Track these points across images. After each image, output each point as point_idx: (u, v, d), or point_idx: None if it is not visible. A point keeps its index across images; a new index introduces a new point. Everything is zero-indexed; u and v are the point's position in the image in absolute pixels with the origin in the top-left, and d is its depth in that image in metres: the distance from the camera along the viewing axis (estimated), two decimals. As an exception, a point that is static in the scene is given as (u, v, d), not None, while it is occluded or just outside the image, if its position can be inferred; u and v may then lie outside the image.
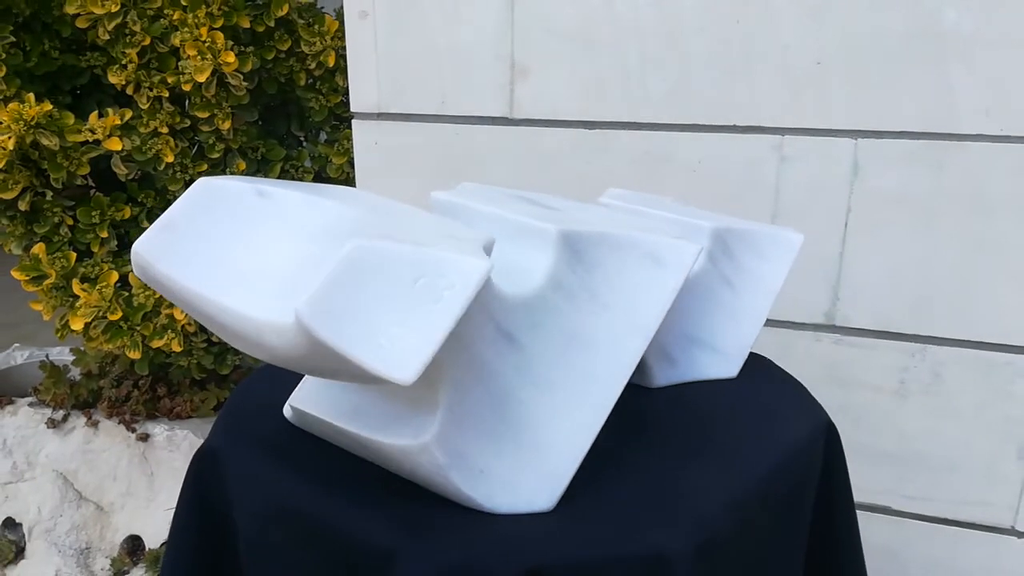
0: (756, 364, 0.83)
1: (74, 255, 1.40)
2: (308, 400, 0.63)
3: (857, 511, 1.12)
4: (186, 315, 1.38)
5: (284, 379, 0.68)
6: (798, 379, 0.83)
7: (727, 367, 0.80)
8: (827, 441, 0.74)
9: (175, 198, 1.45)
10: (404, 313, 0.46)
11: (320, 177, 1.57)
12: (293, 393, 0.66)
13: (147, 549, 1.56)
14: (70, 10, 1.35)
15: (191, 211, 0.54)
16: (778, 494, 0.67)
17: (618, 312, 0.61)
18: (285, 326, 0.45)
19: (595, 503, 0.59)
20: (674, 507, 0.59)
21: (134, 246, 0.53)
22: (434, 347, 0.45)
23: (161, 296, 1.38)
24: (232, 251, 0.53)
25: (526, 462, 0.58)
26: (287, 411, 0.67)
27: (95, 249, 1.43)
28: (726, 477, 0.63)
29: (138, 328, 1.39)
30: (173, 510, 0.75)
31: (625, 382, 0.61)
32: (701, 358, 0.78)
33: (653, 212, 0.77)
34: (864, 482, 1.12)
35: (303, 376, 0.67)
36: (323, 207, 0.54)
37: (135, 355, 1.39)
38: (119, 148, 1.36)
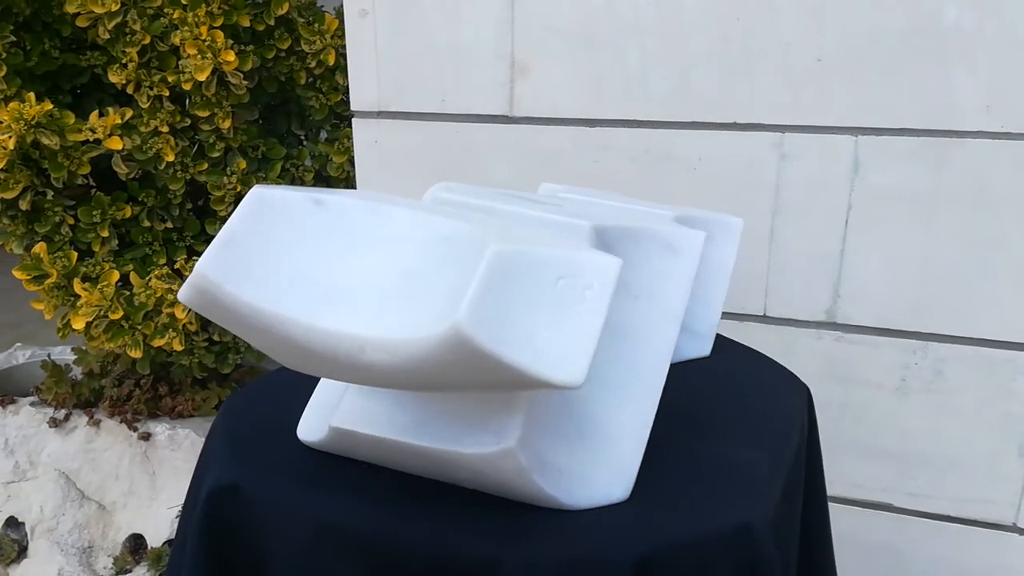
0: (717, 342, 0.89)
1: (75, 254, 1.41)
2: (356, 419, 0.59)
3: (859, 509, 1.13)
4: (187, 313, 1.38)
5: (273, 402, 0.68)
6: (800, 376, 0.84)
7: (701, 346, 0.87)
8: (809, 404, 0.80)
9: (175, 197, 1.46)
10: (552, 316, 0.45)
11: (320, 176, 1.57)
12: (335, 415, 0.60)
13: (149, 548, 1.57)
14: (70, 9, 1.35)
15: (251, 225, 0.51)
16: (796, 460, 0.71)
17: (650, 302, 0.63)
18: (419, 339, 0.43)
19: (663, 488, 0.61)
20: (737, 483, 0.62)
21: (197, 268, 0.48)
22: (592, 348, 0.45)
23: (162, 295, 1.38)
24: (303, 266, 0.50)
25: (596, 456, 0.59)
26: (310, 434, 0.63)
27: (96, 248, 1.44)
28: (762, 451, 0.67)
29: (139, 327, 1.39)
30: (175, 509, 0.75)
31: (667, 368, 0.63)
32: (681, 341, 0.82)
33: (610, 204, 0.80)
34: (866, 480, 1.12)
35: (313, 394, 0.65)
36: (387, 213, 0.52)
37: (136, 354, 1.39)
38: (119, 147, 1.36)
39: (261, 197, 0.52)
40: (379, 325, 0.46)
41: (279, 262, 0.50)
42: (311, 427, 0.64)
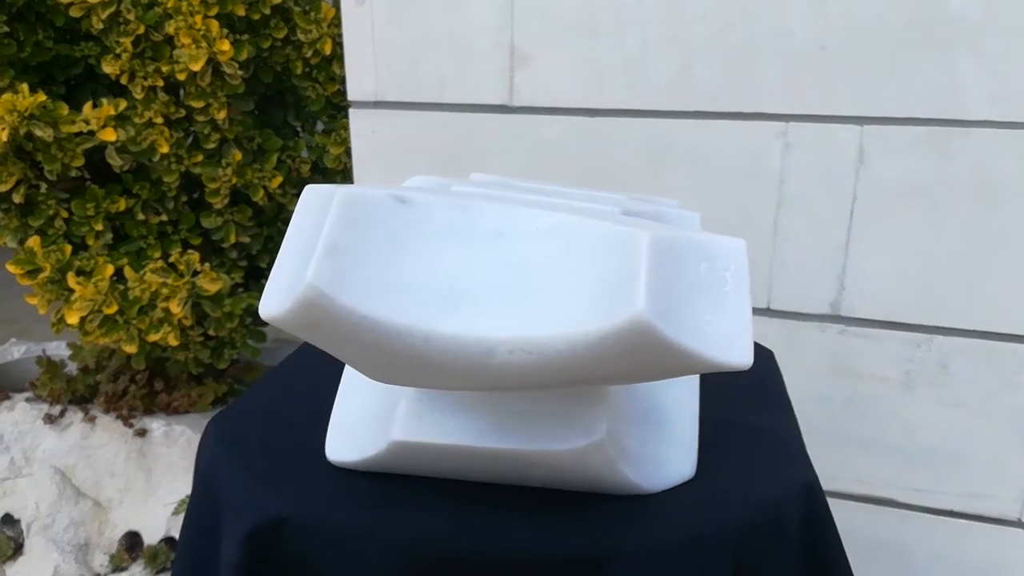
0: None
1: (69, 248, 1.39)
2: (423, 430, 0.55)
3: (862, 504, 1.12)
4: (182, 308, 1.37)
5: (268, 425, 0.66)
6: (805, 371, 0.84)
7: None
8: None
9: (170, 190, 1.45)
10: (708, 300, 0.45)
11: (317, 167, 1.55)
12: (393, 428, 0.56)
13: (145, 545, 1.55)
14: (63, -1, 1.33)
15: (350, 231, 0.46)
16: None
17: None
18: (580, 334, 0.42)
19: (719, 460, 0.63)
20: (780, 447, 0.67)
21: (309, 280, 0.43)
22: (750, 328, 0.45)
23: (157, 288, 1.37)
24: (408, 271, 0.47)
25: (665, 439, 0.60)
26: (349, 454, 0.59)
27: (90, 242, 1.42)
28: (779, 416, 0.73)
29: (134, 322, 1.37)
30: (171, 506, 0.74)
31: None
32: None
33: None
34: (869, 475, 1.11)
35: (336, 413, 0.62)
36: (475, 209, 0.50)
37: (131, 349, 1.38)
38: (113, 139, 1.34)
39: (353, 199, 0.47)
40: (508, 325, 0.45)
41: (383, 268, 0.47)
42: (349, 446, 0.59)
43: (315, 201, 0.49)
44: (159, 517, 1.54)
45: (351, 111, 1.18)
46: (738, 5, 0.99)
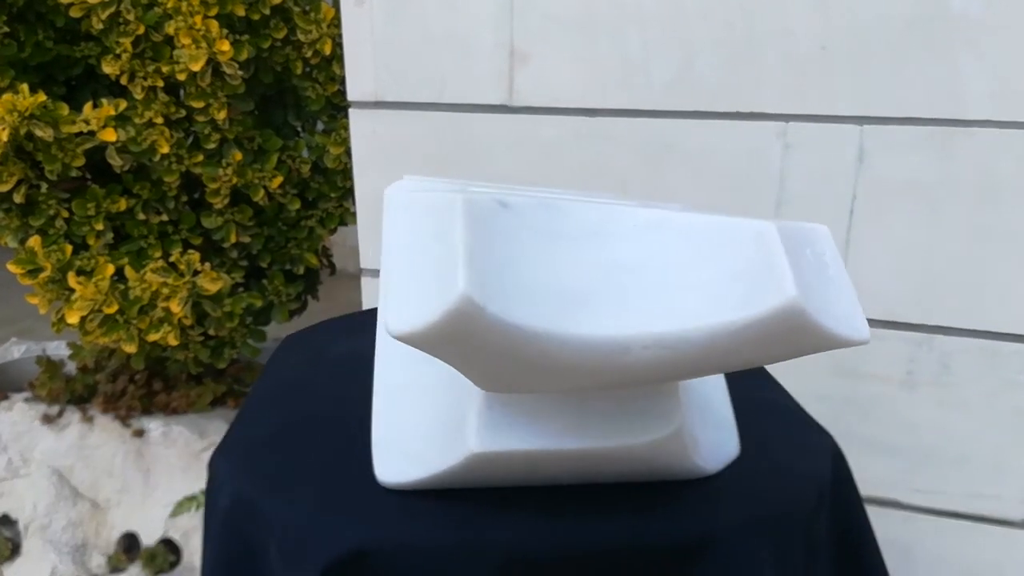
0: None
1: (70, 248, 1.39)
2: (503, 438, 0.53)
3: (866, 505, 1.11)
4: (182, 308, 1.36)
5: (278, 449, 0.62)
6: (807, 371, 0.84)
7: None
8: None
9: (170, 190, 1.44)
10: (821, 283, 0.46)
11: (318, 168, 1.55)
12: (469, 440, 0.53)
13: (143, 546, 1.55)
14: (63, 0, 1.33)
15: (479, 238, 0.45)
16: None
17: None
18: (725, 324, 0.43)
19: (754, 434, 0.66)
20: (797, 420, 0.73)
21: (462, 291, 0.41)
22: (860, 306, 0.47)
23: (158, 288, 1.36)
24: (529, 274, 0.46)
25: (709, 422, 0.62)
26: (410, 473, 0.57)
27: (91, 242, 1.42)
28: (777, 391, 0.78)
29: (134, 321, 1.37)
30: (169, 507, 0.74)
31: None
32: None
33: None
34: (871, 476, 1.10)
35: (382, 431, 0.59)
36: (566, 209, 0.50)
37: (131, 349, 1.37)
38: (114, 139, 1.34)
39: (474, 205, 0.46)
40: (639, 322, 0.45)
41: (510, 274, 0.46)
42: (409, 465, 0.57)
43: (424, 210, 0.47)
44: (157, 518, 1.54)
45: (351, 111, 1.18)
46: (738, 4, 0.99)
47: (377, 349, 0.64)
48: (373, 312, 0.97)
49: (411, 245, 0.46)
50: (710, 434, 0.61)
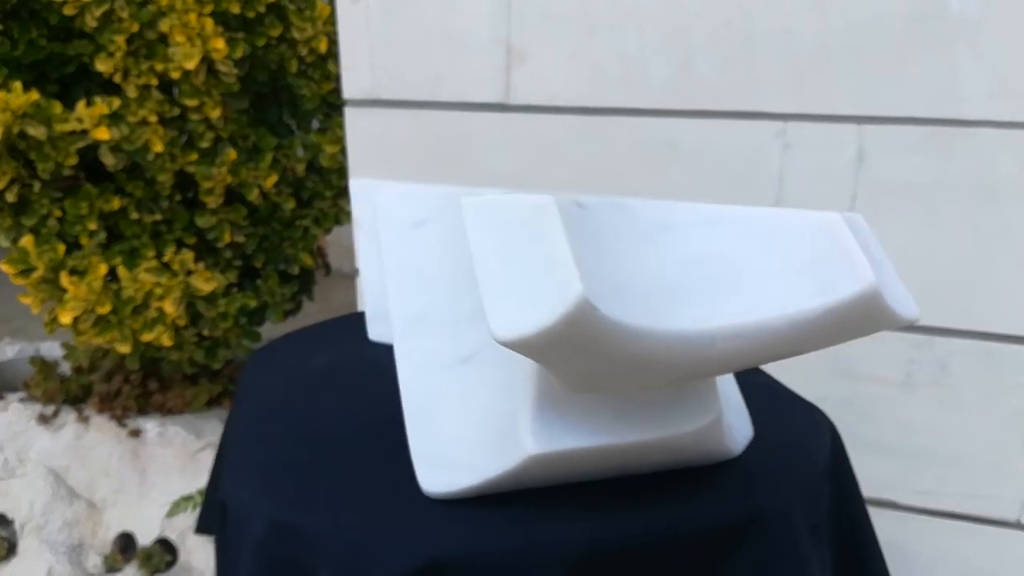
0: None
1: (63, 247, 1.38)
2: (559, 438, 0.53)
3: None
4: (176, 308, 1.35)
5: (317, 470, 0.60)
6: (805, 372, 0.85)
7: None
8: None
9: (164, 189, 1.43)
10: (876, 265, 0.48)
11: (313, 166, 1.54)
12: (527, 442, 0.53)
13: (139, 546, 1.54)
14: (56, -3, 1.32)
15: (574, 239, 0.45)
16: None
17: None
18: (806, 311, 0.46)
19: (756, 417, 0.68)
20: (784, 398, 0.77)
21: (581, 293, 0.41)
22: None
23: (151, 288, 1.36)
24: (616, 272, 0.47)
25: (732, 405, 0.64)
26: (460, 480, 0.56)
27: (84, 241, 1.41)
28: (767, 376, 0.81)
29: (128, 321, 1.36)
30: (166, 507, 0.73)
31: None
32: None
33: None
34: (870, 476, 1.10)
35: (421, 441, 0.58)
36: (630, 208, 0.51)
37: (125, 349, 1.37)
38: (107, 138, 1.33)
39: (549, 206, 0.46)
40: (721, 313, 0.46)
41: (604, 273, 0.46)
42: (458, 473, 0.56)
43: (506, 215, 0.47)
44: (153, 518, 1.53)
45: (346, 109, 1.17)
46: (737, 3, 0.98)
47: (398, 359, 0.62)
48: (340, 322, 0.95)
49: (500, 251, 0.46)
50: (732, 418, 0.63)
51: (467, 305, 0.58)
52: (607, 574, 0.54)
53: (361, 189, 0.90)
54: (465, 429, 0.57)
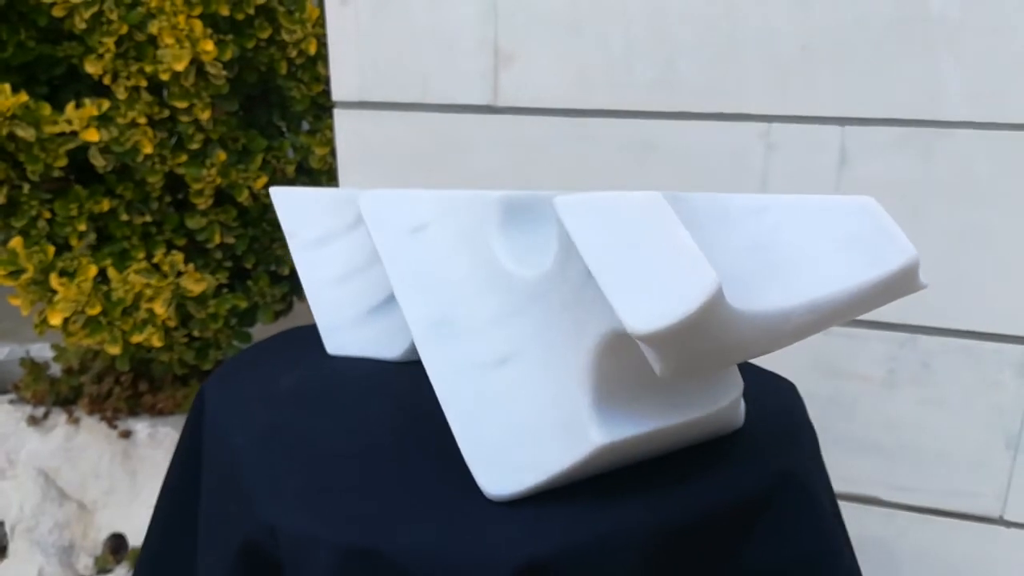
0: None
1: (52, 249, 1.38)
2: (622, 426, 0.55)
3: (846, 503, 1.12)
4: (166, 309, 1.36)
5: (369, 487, 0.58)
6: (788, 371, 0.85)
7: None
8: None
9: (154, 190, 1.44)
10: None
11: (302, 168, 1.55)
12: (592, 433, 0.54)
13: (130, 547, 1.54)
14: (45, -1, 1.32)
15: (687, 229, 0.47)
16: None
17: None
18: (861, 284, 0.51)
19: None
20: (760, 374, 0.81)
21: (717, 284, 0.43)
22: None
23: (141, 289, 1.36)
24: (714, 260, 0.48)
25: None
26: (525, 480, 0.56)
27: (73, 243, 1.41)
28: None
29: (117, 323, 1.37)
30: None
31: None
32: None
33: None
34: (852, 473, 1.11)
35: (480, 446, 0.58)
36: (686, 200, 0.54)
37: (115, 350, 1.37)
38: (96, 139, 1.33)
39: (651, 202, 0.48)
40: (793, 293, 0.50)
41: (731, 262, 0.51)
42: (523, 472, 0.57)
43: (615, 211, 0.48)
44: (144, 519, 1.53)
45: (336, 111, 1.18)
46: (721, 5, 0.99)
47: (427, 366, 0.61)
48: (285, 339, 0.91)
49: (616, 247, 0.47)
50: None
51: (491, 307, 0.58)
52: (683, 545, 0.57)
53: (282, 197, 0.86)
54: (517, 430, 0.57)
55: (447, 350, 0.60)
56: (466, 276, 0.60)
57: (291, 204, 0.86)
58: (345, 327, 0.84)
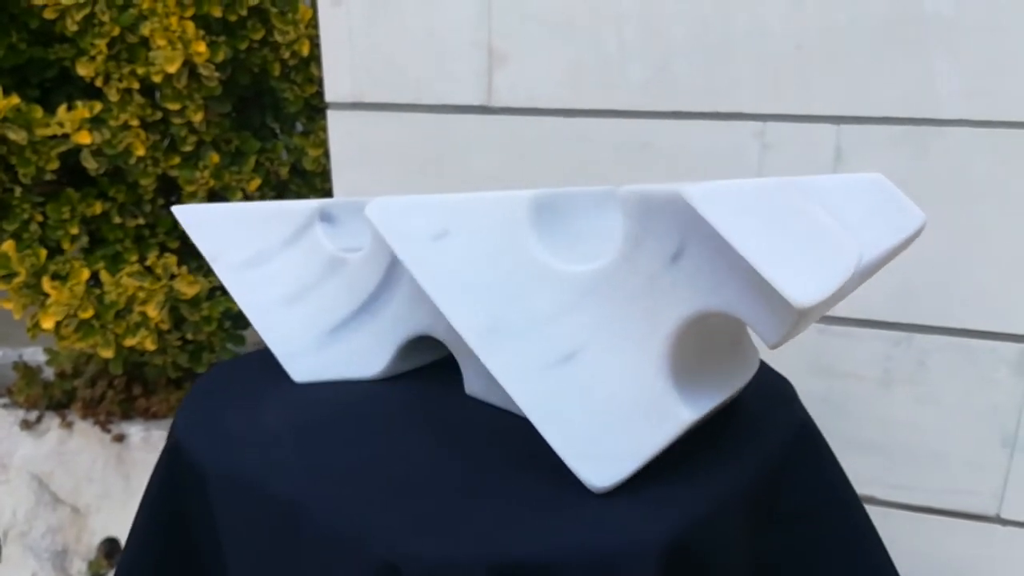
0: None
1: (44, 252, 1.37)
2: (702, 400, 0.58)
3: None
4: (159, 312, 1.35)
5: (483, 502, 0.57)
6: (784, 370, 0.85)
7: None
8: None
9: (146, 193, 1.43)
10: None
11: (296, 170, 1.54)
12: (684, 412, 0.56)
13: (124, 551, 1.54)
14: (37, 1, 1.31)
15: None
16: None
17: None
18: (890, 246, 0.61)
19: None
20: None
21: (860, 252, 0.50)
22: None
23: (134, 292, 1.35)
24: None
25: None
26: (627, 466, 0.58)
27: (66, 246, 1.40)
28: None
29: (110, 326, 1.36)
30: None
31: None
32: None
33: None
34: (849, 472, 1.11)
35: (569, 441, 0.59)
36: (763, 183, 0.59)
37: (108, 354, 1.36)
38: (88, 142, 1.32)
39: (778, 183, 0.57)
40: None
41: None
42: (620, 459, 0.58)
43: (751, 197, 0.51)
44: (138, 523, 1.53)
45: (329, 112, 1.17)
46: (715, 5, 0.99)
47: (494, 372, 0.61)
48: (233, 372, 0.82)
49: (761, 231, 0.49)
50: None
51: (543, 306, 0.59)
52: (755, 503, 0.63)
53: (192, 217, 0.79)
54: (602, 420, 0.58)
55: (509, 355, 0.60)
56: (506, 278, 0.60)
57: (205, 224, 0.78)
58: (308, 351, 0.78)
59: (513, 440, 0.66)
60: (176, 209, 0.79)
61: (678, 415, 0.56)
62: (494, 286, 0.60)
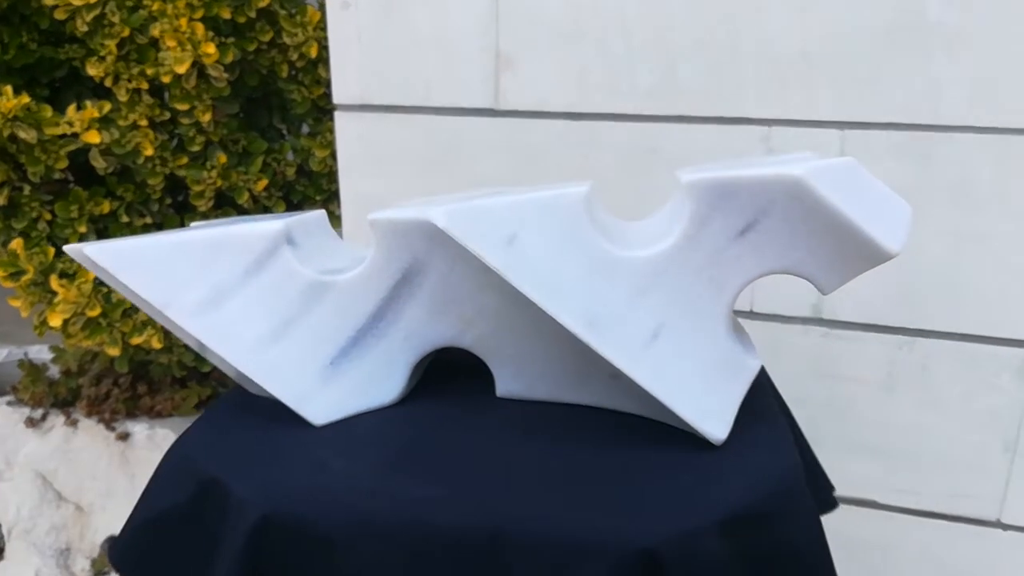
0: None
1: (52, 250, 1.38)
2: (754, 350, 0.72)
3: (844, 506, 1.13)
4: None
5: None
6: (787, 374, 0.87)
7: None
8: None
9: (154, 192, 1.44)
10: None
11: (303, 171, 1.55)
12: (753, 363, 0.70)
13: (128, 549, 1.54)
14: (48, 1, 1.32)
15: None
16: None
17: None
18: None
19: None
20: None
21: (910, 210, 0.65)
22: None
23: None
24: None
25: None
26: (730, 425, 0.67)
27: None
28: None
29: (117, 324, 1.37)
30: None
31: None
32: None
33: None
34: (851, 476, 1.11)
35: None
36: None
37: (114, 352, 1.37)
38: (97, 141, 1.33)
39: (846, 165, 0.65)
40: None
41: None
42: (729, 415, 0.68)
43: (840, 172, 0.62)
44: (142, 521, 1.53)
45: (336, 114, 1.18)
46: (721, 11, 1.00)
47: (616, 362, 0.63)
48: (219, 424, 0.74)
49: (855, 199, 0.61)
50: None
51: (621, 293, 0.63)
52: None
53: (110, 258, 0.65)
54: (700, 382, 0.66)
55: (613, 343, 0.64)
56: (585, 273, 0.63)
57: (138, 266, 0.66)
58: (313, 390, 0.70)
59: (587, 424, 0.71)
60: (85, 249, 0.65)
61: (748, 365, 0.69)
62: (577, 280, 0.63)
